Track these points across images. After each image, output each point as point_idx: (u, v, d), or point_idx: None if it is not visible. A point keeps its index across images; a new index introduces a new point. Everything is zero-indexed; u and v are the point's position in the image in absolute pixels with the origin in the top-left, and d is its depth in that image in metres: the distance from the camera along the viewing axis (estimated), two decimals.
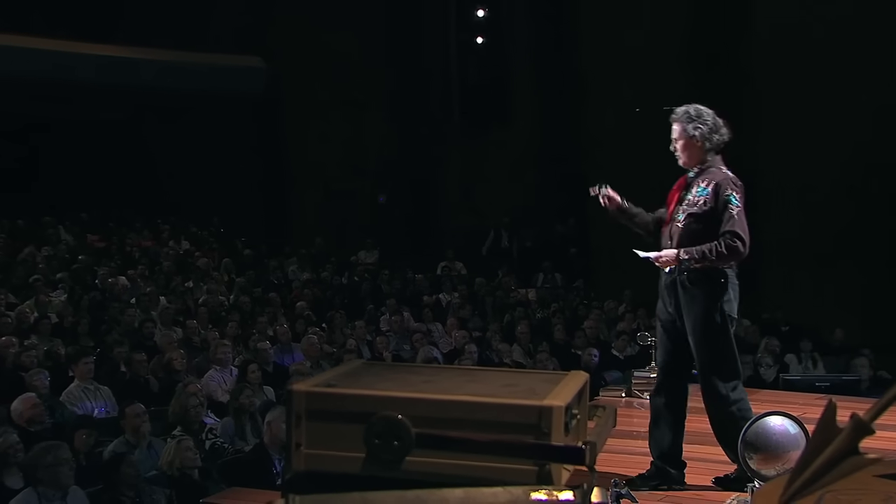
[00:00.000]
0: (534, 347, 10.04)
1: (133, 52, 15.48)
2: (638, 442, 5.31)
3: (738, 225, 3.97)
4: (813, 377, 8.58)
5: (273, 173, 16.81)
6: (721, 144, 4.13)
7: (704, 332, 4.14)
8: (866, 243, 11.83)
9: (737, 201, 3.98)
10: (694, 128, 4.09)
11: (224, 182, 16.16)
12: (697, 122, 4.09)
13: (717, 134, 4.10)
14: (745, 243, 3.97)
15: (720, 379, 4.14)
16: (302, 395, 2.24)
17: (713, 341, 4.11)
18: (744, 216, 3.98)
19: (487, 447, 2.04)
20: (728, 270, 4.08)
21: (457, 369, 3.10)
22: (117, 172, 15.88)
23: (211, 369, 8.11)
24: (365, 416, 2.15)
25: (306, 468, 2.21)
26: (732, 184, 4.04)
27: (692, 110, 4.14)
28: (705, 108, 4.16)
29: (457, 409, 2.13)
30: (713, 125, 4.10)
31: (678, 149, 4.17)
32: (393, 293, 12.65)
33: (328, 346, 9.38)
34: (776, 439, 3.93)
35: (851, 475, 1.68)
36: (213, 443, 6.46)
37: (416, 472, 2.10)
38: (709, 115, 4.12)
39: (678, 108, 4.23)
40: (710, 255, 4.03)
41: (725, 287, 4.07)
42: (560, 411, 2.05)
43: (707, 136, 4.09)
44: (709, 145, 4.10)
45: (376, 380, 2.40)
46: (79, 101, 15.33)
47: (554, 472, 2.04)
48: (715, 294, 4.08)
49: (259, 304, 10.99)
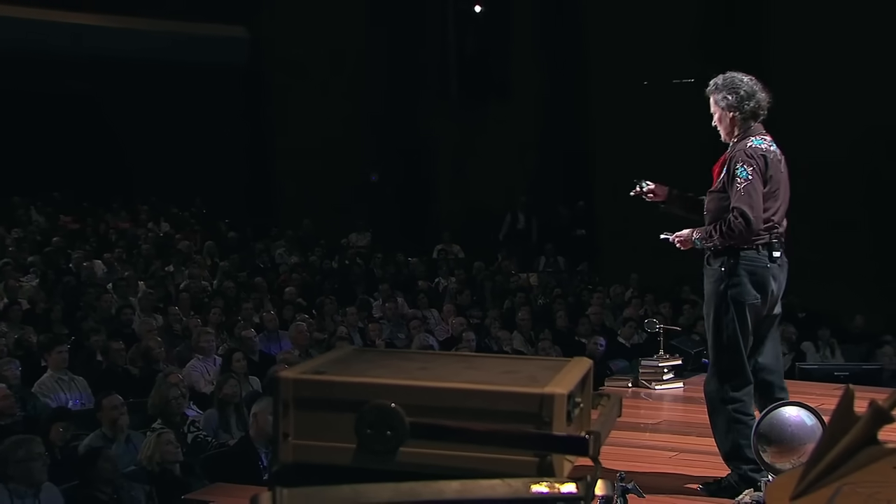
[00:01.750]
0: (535, 335, 10.06)
1: (108, 20, 15.41)
2: (645, 435, 5.35)
3: (743, 200, 3.91)
4: (831, 366, 8.61)
5: (258, 151, 16.78)
6: (759, 112, 4.05)
7: (709, 318, 4.12)
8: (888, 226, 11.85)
9: (746, 174, 3.92)
10: (722, 98, 4.05)
11: (206, 160, 16.12)
12: (725, 91, 4.04)
13: (752, 101, 4.02)
14: (750, 219, 3.89)
15: (718, 373, 4.08)
16: (289, 383, 2.24)
17: (715, 330, 4.06)
18: (754, 189, 3.90)
19: (485, 437, 2.05)
20: (747, 251, 3.96)
21: (454, 356, 3.11)
22: (92, 149, 15.84)
23: (193, 358, 8.12)
24: (356, 404, 2.15)
25: (294, 460, 2.22)
26: (744, 155, 3.97)
27: (721, 80, 4.08)
28: (739, 75, 4.08)
29: (453, 397, 2.13)
30: (746, 93, 4.02)
31: (716, 123, 4.13)
32: (386, 278, 12.67)
33: (318, 333, 9.39)
34: (791, 431, 3.94)
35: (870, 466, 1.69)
36: (195, 436, 6.47)
37: (410, 463, 2.11)
38: (741, 82, 4.04)
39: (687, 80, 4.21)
40: (715, 235, 4.00)
41: (733, 271, 3.97)
42: (562, 399, 2.06)
43: (736, 104, 4.02)
44: (741, 115, 4.03)
45: (368, 367, 2.40)
46: (50, 71, 15.27)
47: (555, 463, 2.05)
48: (718, 277, 4.02)
49: (244, 290, 11.00)
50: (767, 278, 4.01)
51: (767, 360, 4.17)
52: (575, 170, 14.95)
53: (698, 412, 5.99)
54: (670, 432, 5.51)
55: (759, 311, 4.05)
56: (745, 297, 3.99)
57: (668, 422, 5.91)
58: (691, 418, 5.89)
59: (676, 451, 4.96)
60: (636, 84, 13.88)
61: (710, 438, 5.06)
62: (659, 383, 6.60)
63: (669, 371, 6.68)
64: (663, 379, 6.62)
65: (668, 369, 6.67)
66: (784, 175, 4.08)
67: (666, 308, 11.14)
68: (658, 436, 5.39)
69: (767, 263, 4.00)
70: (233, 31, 16.67)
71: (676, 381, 6.72)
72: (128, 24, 15.59)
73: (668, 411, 6.29)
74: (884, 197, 11.65)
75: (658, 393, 6.56)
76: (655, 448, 5.01)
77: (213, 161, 16.19)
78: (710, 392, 4.16)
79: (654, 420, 5.85)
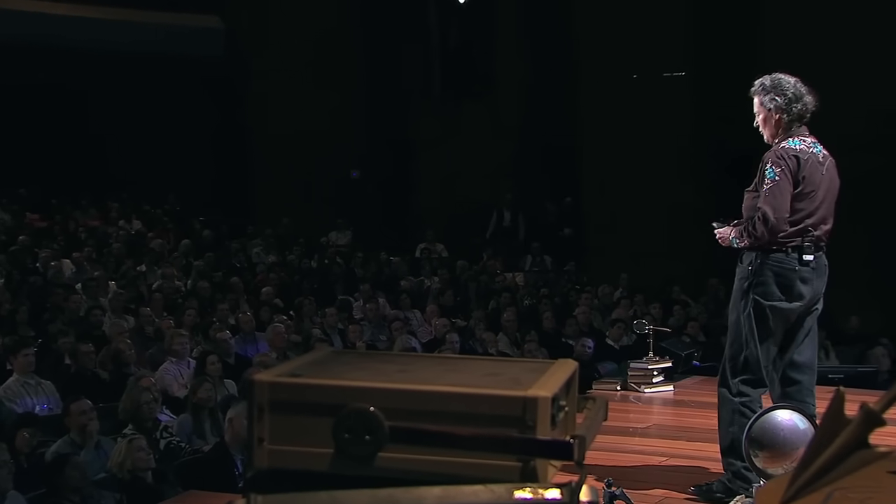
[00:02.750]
0: (521, 337, 10.09)
1: (77, 9, 15.33)
2: (634, 439, 5.37)
3: (767, 200, 4.01)
4: (825, 368, 8.64)
5: (234, 146, 16.73)
6: (805, 115, 4.14)
7: (731, 315, 4.21)
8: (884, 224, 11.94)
9: (773, 174, 4.02)
10: (770, 100, 4.12)
11: (180, 155, 16.07)
12: (773, 93, 4.11)
13: (799, 104, 4.10)
14: (770, 220, 3.98)
15: (732, 368, 4.17)
16: (264, 386, 2.24)
17: (735, 327, 4.16)
18: (779, 190, 4.00)
19: (467, 442, 2.05)
20: (776, 253, 4.05)
21: (435, 358, 3.11)
22: (60, 143, 15.75)
23: (166, 361, 8.11)
24: (334, 408, 2.15)
25: (269, 465, 2.21)
26: (774, 156, 4.07)
27: (768, 81, 4.15)
28: (785, 76, 4.16)
29: (434, 400, 2.14)
30: (794, 95, 4.10)
31: (760, 124, 4.20)
32: (367, 277, 12.67)
33: (296, 335, 9.40)
34: (784, 435, 3.97)
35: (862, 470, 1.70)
36: (168, 442, 6.46)
37: (389, 468, 2.11)
38: (788, 84, 4.12)
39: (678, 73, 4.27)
40: (742, 237, 4.11)
41: (759, 271, 4.07)
42: (546, 402, 2.07)
43: (784, 107, 4.10)
44: (788, 117, 4.11)
45: (346, 369, 2.41)
46: (17, 62, 15.18)
47: (539, 468, 2.06)
48: (745, 276, 4.13)
49: (219, 290, 10.98)
50: (794, 281, 4.08)
51: (803, 357, 4.25)
52: (562, 166, 14.98)
53: (689, 416, 6.04)
54: (660, 437, 5.54)
55: (784, 314, 4.12)
56: (769, 298, 4.08)
57: (658, 426, 5.94)
58: (682, 422, 5.93)
59: (666, 456, 4.98)
60: (625, 77, 13.93)
61: (701, 443, 5.11)
62: (648, 386, 6.63)
63: (659, 374, 6.71)
64: (653, 382, 6.65)
65: (658, 372, 6.70)
66: (826, 177, 4.15)
67: (656, 309, 11.19)
68: (647, 441, 5.42)
69: (797, 266, 4.07)
70: (207, 22, 16.62)
71: (666, 384, 6.75)
72: (97, 13, 15.52)
73: (658, 415, 6.33)
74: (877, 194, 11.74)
75: (647, 396, 6.59)
76: (645, 453, 5.03)
77: (187, 156, 16.14)
78: (721, 383, 4.25)
79: (644, 424, 5.88)
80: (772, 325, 4.11)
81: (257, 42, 16.49)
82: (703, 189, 12.41)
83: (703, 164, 12.89)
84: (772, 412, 4.04)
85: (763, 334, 4.11)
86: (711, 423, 5.54)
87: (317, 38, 15.95)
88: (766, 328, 4.11)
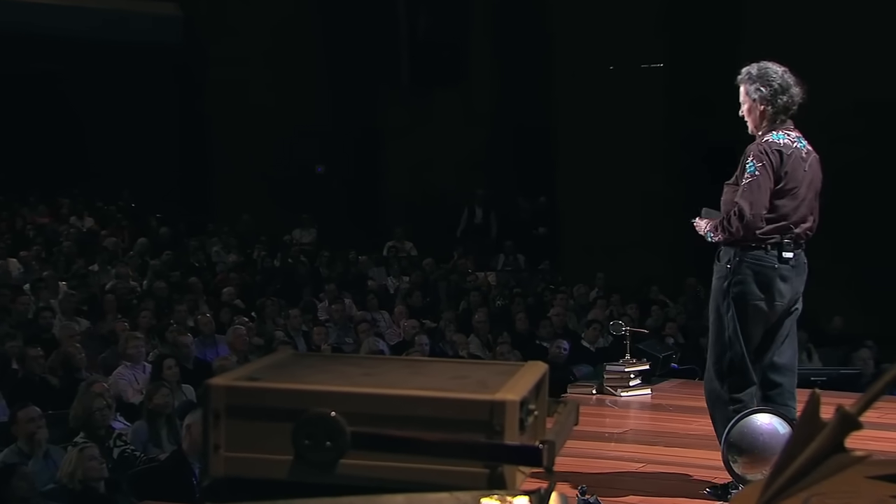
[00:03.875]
0: (493, 338, 10.12)
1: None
2: (610, 445, 5.40)
3: (744, 195, 4.06)
4: (807, 371, 8.74)
5: (193, 139, 16.65)
6: (791, 107, 4.17)
7: (712, 315, 4.26)
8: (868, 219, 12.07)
9: (753, 168, 4.07)
10: (755, 90, 4.15)
11: (135, 149, 15.97)
12: (759, 83, 4.14)
13: (785, 95, 4.13)
14: (744, 215, 4.03)
15: (718, 373, 4.21)
16: (221, 390, 2.23)
17: (717, 328, 4.21)
18: (758, 185, 4.05)
19: (432, 447, 2.06)
20: (755, 250, 4.10)
21: (400, 360, 3.12)
22: (6, 136, 15.60)
23: (120, 366, 8.06)
24: (293, 413, 2.15)
25: (226, 473, 2.21)
26: (757, 150, 4.11)
27: (755, 69, 4.18)
28: (773, 66, 4.19)
29: (398, 404, 2.14)
30: (780, 86, 4.13)
31: (744, 113, 4.24)
32: (333, 277, 12.67)
33: (258, 338, 9.38)
34: (763, 440, 4.01)
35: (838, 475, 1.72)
36: (122, 450, 6.43)
37: (351, 476, 2.11)
38: (776, 74, 4.15)
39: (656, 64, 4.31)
40: (717, 231, 4.16)
41: (738, 269, 4.11)
42: (514, 406, 2.08)
43: (770, 98, 4.13)
44: (773, 109, 4.15)
45: (307, 372, 2.41)
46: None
47: (507, 474, 2.07)
48: (723, 275, 4.18)
49: (177, 291, 10.94)
50: (773, 279, 4.13)
51: (783, 359, 4.30)
52: (536, 161, 15.02)
53: (667, 421, 6.08)
54: (637, 442, 5.58)
55: (764, 313, 4.16)
56: (748, 297, 4.13)
57: (635, 431, 5.97)
58: (659, 427, 5.96)
59: (643, 462, 5.01)
60: (602, 69, 13.99)
61: (679, 449, 5.15)
62: (625, 390, 6.66)
63: (636, 377, 6.75)
64: (630, 385, 6.69)
65: (635, 375, 6.74)
66: (809, 174, 4.20)
67: (633, 310, 11.25)
68: (624, 446, 5.45)
69: (776, 264, 4.12)
70: (164, 9, 16.52)
71: (644, 387, 6.79)
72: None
73: (635, 420, 6.36)
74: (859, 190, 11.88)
75: (624, 400, 6.63)
76: (621, 459, 5.06)
77: (142, 150, 16.04)
78: (711, 391, 4.29)
79: (620, 429, 5.92)
80: (752, 325, 4.16)
81: (216, 29, 16.41)
82: (679, 183, 12.49)
83: (681, 158, 12.97)
84: (751, 416, 4.09)
85: (746, 333, 4.16)
86: (690, 427, 5.61)
87: (276, 25, 15.91)
88: (748, 327, 4.16)
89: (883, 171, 12.12)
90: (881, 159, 12.15)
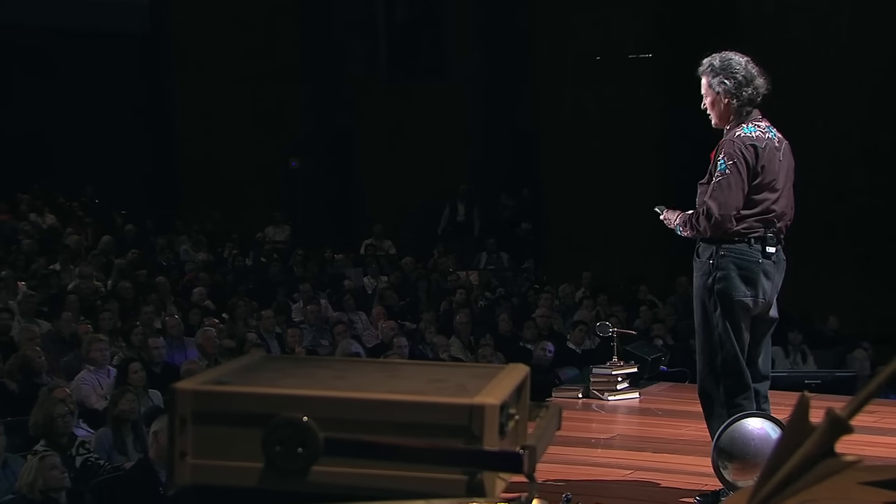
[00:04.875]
0: (475, 340, 10.14)
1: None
2: (597, 451, 5.42)
3: (713, 195, 4.08)
4: (802, 373, 8.81)
5: (160, 132, 16.59)
6: (756, 99, 4.19)
7: (697, 315, 4.28)
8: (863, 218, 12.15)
9: (724, 166, 4.09)
10: (719, 83, 4.17)
11: (99, 142, 15.88)
12: (722, 75, 4.16)
13: (750, 87, 4.15)
14: (712, 216, 4.06)
15: (713, 374, 4.23)
16: (188, 395, 2.23)
17: (705, 328, 4.22)
18: (728, 184, 4.07)
19: (408, 454, 2.06)
20: (737, 244, 4.12)
21: (375, 363, 3.13)
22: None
23: (83, 370, 8.04)
24: (263, 418, 2.15)
25: (193, 481, 2.21)
26: (729, 147, 4.12)
27: (717, 61, 4.20)
28: (736, 57, 4.21)
29: (372, 409, 2.15)
30: (744, 77, 4.15)
31: (707, 107, 4.26)
32: (307, 277, 12.66)
33: (229, 340, 9.38)
34: (755, 445, 4.03)
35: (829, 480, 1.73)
36: (85, 459, 6.40)
37: (324, 483, 2.11)
38: (739, 66, 4.17)
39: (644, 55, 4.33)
40: (686, 226, 4.20)
41: (720, 264, 4.13)
42: (494, 410, 2.08)
43: (734, 91, 4.15)
44: (737, 102, 4.17)
45: (278, 376, 2.41)
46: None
47: (487, 481, 2.07)
48: (706, 271, 4.19)
49: (143, 291, 10.91)
50: (758, 274, 4.15)
51: (759, 367, 4.32)
52: (519, 154, 15.04)
53: (655, 426, 6.11)
54: (625, 448, 5.59)
55: (749, 309, 4.19)
56: (733, 293, 4.14)
57: (623, 437, 5.99)
58: (648, 433, 5.98)
59: (631, 469, 5.02)
60: (588, 59, 14.01)
61: (669, 455, 5.17)
62: (612, 394, 6.68)
63: (624, 380, 6.77)
64: (617, 389, 6.71)
65: (623, 378, 6.76)
66: (784, 164, 4.23)
67: (620, 310, 11.28)
68: (611, 452, 5.46)
69: (760, 258, 4.15)
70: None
71: (632, 391, 6.81)
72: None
73: (623, 425, 6.38)
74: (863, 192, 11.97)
75: (611, 404, 6.64)
76: (608, 466, 5.07)
77: (107, 144, 15.96)
78: (706, 396, 4.30)
79: (607, 435, 5.93)
80: (741, 321, 4.18)
81: (185, 18, 16.35)
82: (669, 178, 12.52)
83: (671, 152, 13.01)
84: (741, 420, 4.11)
85: (737, 330, 4.18)
86: (680, 432, 5.63)
87: (248, 14, 15.86)
88: (738, 324, 4.18)
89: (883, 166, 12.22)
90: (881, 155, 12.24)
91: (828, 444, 1.69)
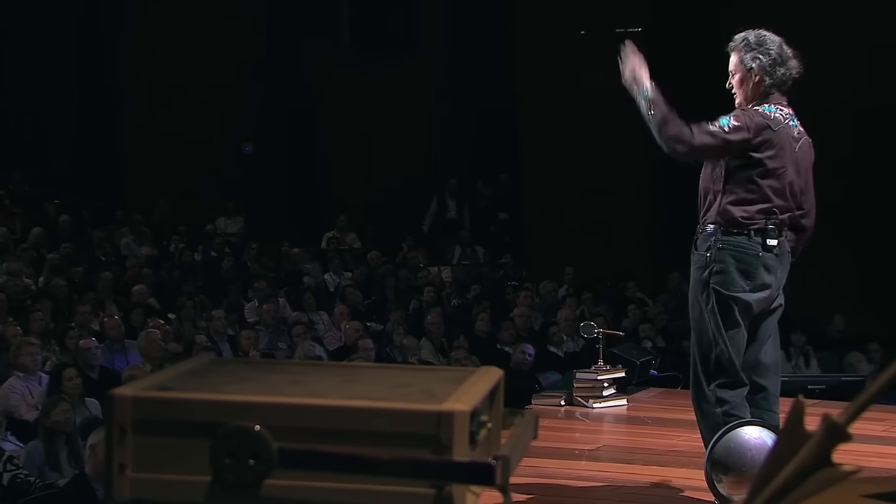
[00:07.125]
0: (448, 343, 10.18)
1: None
2: (581, 463, 5.45)
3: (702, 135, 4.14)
4: (805, 378, 8.89)
5: (98, 111, 16.47)
6: (787, 82, 4.29)
7: (692, 310, 4.34)
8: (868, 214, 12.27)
9: (728, 122, 4.16)
10: (753, 58, 4.25)
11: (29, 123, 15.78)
12: (758, 51, 4.24)
13: (783, 67, 4.25)
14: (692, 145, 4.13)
15: (705, 372, 4.29)
16: (127, 402, 2.24)
17: (699, 322, 4.29)
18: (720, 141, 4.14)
19: (370, 465, 2.08)
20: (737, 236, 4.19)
21: (334, 367, 3.15)
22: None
23: (11, 377, 8.00)
24: (211, 427, 2.16)
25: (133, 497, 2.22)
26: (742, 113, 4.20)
27: (752, 36, 4.28)
28: (771, 35, 4.30)
29: (331, 417, 2.16)
30: (778, 56, 4.24)
31: (733, 84, 4.33)
32: (263, 273, 12.64)
33: (175, 343, 9.38)
34: (752, 456, 4.07)
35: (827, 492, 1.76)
36: (13, 476, 6.38)
37: (278, 498, 2.13)
38: (773, 44, 4.26)
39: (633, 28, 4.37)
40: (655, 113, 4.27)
41: (718, 257, 4.21)
42: (463, 418, 2.10)
43: (768, 69, 4.24)
44: (769, 81, 4.26)
45: (228, 380, 2.42)
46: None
47: (456, 495, 2.09)
48: (703, 264, 4.27)
49: (79, 289, 10.87)
50: (758, 268, 4.23)
51: (768, 359, 4.40)
52: (496, 137, 15.07)
53: (645, 435, 6.15)
54: (611, 460, 5.62)
55: (748, 305, 4.25)
56: (731, 287, 4.21)
57: (610, 447, 6.03)
58: (637, 443, 6.03)
59: (618, 483, 5.06)
60: (571, 33, 14.05)
61: (659, 467, 5.21)
62: (598, 400, 6.72)
63: (610, 385, 6.80)
64: (603, 395, 6.74)
65: (609, 383, 6.79)
66: (798, 156, 4.29)
67: (607, 309, 11.34)
68: (596, 465, 5.49)
69: (760, 251, 4.22)
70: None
71: (619, 397, 6.85)
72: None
73: (610, 434, 6.42)
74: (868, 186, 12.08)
75: (597, 412, 6.68)
76: (593, 480, 5.10)
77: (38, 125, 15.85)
78: (697, 395, 4.35)
79: (592, 446, 5.97)
80: (738, 318, 4.24)
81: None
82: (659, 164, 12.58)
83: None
84: (737, 429, 4.15)
85: (732, 327, 4.24)
86: (671, 443, 5.68)
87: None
88: (733, 321, 4.24)
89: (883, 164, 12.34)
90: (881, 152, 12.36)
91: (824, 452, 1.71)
